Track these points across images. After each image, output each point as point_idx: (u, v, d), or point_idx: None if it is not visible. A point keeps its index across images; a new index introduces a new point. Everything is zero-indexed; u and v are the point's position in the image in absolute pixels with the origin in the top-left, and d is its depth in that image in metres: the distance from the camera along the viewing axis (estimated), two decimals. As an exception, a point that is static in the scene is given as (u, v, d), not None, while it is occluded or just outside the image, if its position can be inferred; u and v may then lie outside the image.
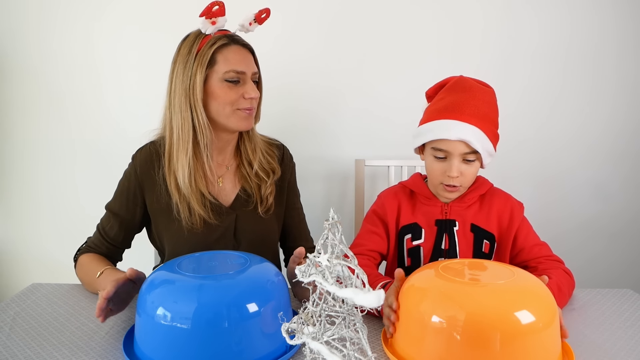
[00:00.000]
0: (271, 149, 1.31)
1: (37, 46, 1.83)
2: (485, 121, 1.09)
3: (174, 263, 0.91)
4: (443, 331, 0.78)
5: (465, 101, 1.09)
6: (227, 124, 1.16)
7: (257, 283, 0.87)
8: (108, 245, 1.22)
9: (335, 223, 0.62)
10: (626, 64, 1.83)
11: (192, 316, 0.78)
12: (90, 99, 1.86)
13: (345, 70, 1.84)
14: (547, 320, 0.78)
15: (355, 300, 0.58)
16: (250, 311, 0.81)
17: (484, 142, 1.08)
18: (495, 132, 1.12)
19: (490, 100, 1.12)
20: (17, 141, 1.90)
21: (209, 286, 0.83)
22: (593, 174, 1.90)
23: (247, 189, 1.25)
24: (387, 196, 1.23)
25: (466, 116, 1.07)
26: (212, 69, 1.13)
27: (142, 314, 0.84)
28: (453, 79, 1.15)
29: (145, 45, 1.82)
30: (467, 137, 1.06)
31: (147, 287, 0.86)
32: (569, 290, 1.08)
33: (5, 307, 1.07)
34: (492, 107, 1.13)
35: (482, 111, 1.09)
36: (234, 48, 1.14)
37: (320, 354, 0.63)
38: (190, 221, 1.17)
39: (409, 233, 1.17)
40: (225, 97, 1.13)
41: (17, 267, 2.00)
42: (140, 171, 1.20)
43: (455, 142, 1.07)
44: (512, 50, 1.83)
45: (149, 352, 0.82)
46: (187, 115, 1.13)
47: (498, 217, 1.16)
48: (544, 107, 1.86)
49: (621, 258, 1.96)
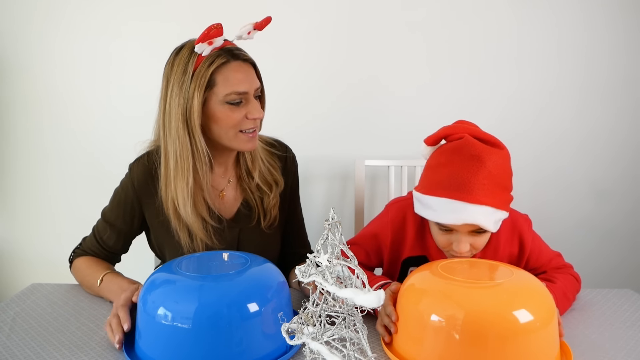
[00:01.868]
0: (273, 159, 1.23)
1: (39, 46, 1.84)
2: (496, 196, 0.93)
3: (175, 263, 0.91)
4: (442, 330, 0.78)
5: (474, 177, 0.92)
6: (231, 146, 1.10)
7: (258, 283, 0.87)
8: (106, 252, 1.20)
9: (335, 223, 0.62)
10: (622, 61, 1.84)
11: (193, 316, 0.78)
12: (90, 99, 1.86)
13: (345, 70, 1.84)
14: (545, 319, 0.79)
15: (356, 300, 0.58)
16: (251, 311, 0.81)
17: (496, 216, 0.95)
18: (508, 198, 0.98)
19: (502, 165, 0.95)
20: (18, 141, 1.90)
21: (210, 286, 0.83)
22: (586, 171, 1.91)
23: (249, 202, 1.20)
24: (394, 223, 1.11)
25: (475, 196, 0.91)
26: (211, 90, 1.04)
27: (143, 314, 0.84)
28: (456, 134, 0.98)
29: (145, 46, 1.82)
30: (476, 220, 0.92)
31: (148, 287, 0.86)
32: (573, 295, 1.07)
33: (5, 307, 1.07)
34: (505, 173, 0.96)
35: (493, 184, 0.93)
36: (234, 65, 1.05)
37: (320, 354, 0.63)
38: (192, 246, 1.13)
39: (415, 265, 1.08)
40: (227, 120, 1.05)
41: (17, 267, 2.00)
42: (138, 185, 1.15)
43: (462, 224, 0.95)
44: (509, 47, 1.83)
45: (150, 352, 0.82)
46: (185, 142, 1.05)
47: (507, 249, 1.08)
48: (538, 105, 1.86)
49: (616, 256, 1.96)
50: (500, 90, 1.84)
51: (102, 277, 1.10)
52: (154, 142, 1.18)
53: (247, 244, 1.20)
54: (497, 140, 0.96)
